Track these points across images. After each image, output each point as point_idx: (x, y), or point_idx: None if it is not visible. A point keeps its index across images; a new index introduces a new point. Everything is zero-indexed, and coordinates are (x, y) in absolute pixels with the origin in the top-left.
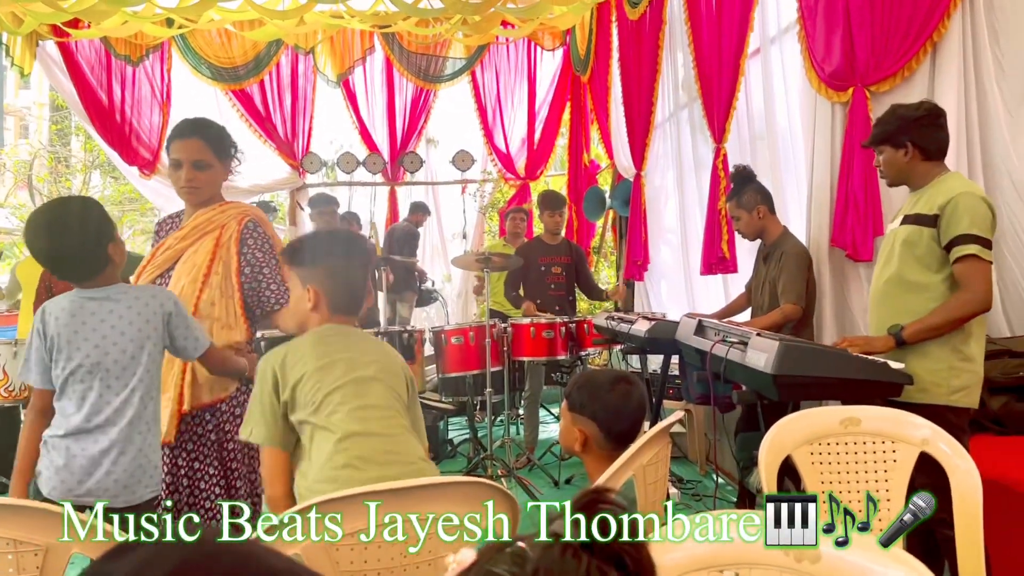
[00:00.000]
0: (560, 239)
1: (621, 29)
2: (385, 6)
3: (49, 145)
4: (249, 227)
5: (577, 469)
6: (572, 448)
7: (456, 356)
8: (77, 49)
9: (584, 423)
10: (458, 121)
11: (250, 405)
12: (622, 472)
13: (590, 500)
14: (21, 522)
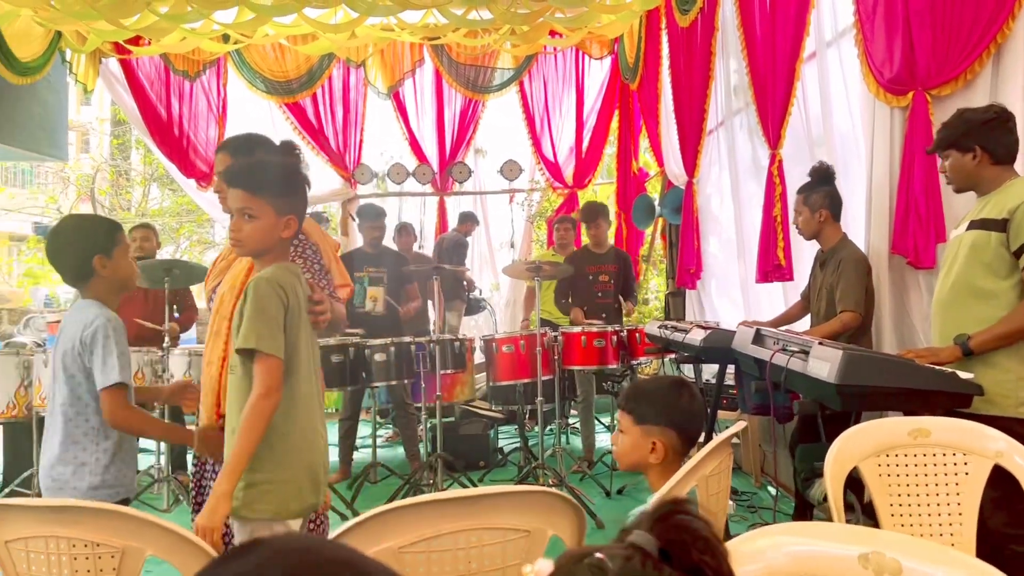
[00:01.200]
0: (607, 247)
1: (671, 36)
2: (435, 18)
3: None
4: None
5: (629, 479)
6: (643, 462)
7: (507, 365)
8: (138, 65)
9: (660, 433)
10: (506, 131)
11: (251, 317)
12: (685, 482)
13: (668, 510)
14: (100, 524)
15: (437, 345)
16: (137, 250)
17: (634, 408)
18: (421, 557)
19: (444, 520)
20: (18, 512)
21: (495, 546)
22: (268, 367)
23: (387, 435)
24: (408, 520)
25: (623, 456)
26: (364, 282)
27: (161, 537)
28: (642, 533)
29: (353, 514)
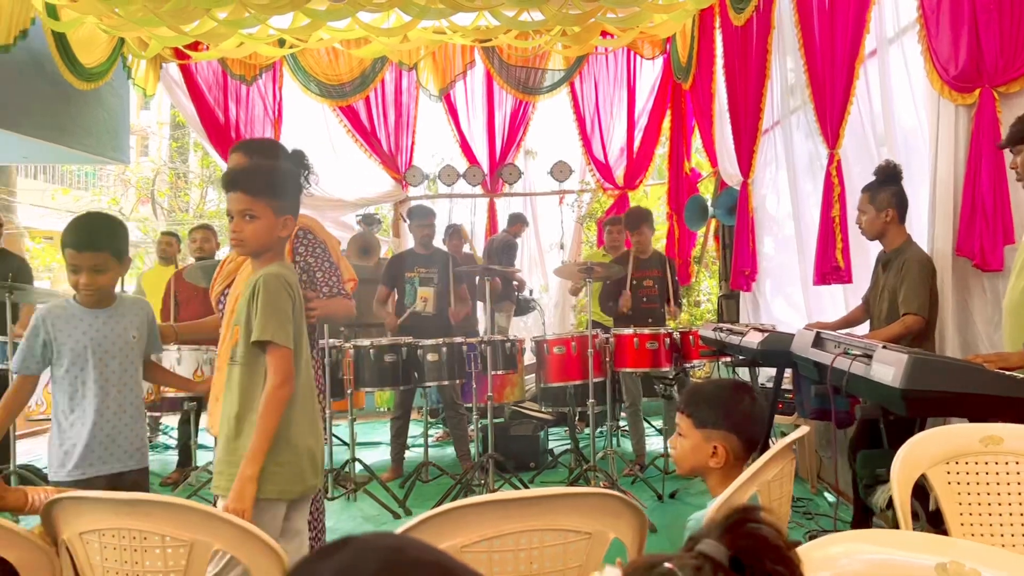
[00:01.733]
0: (651, 252)
1: (725, 35)
2: (486, 20)
3: (169, 161)
4: (299, 235)
5: (681, 483)
6: (702, 466)
7: (558, 366)
8: (197, 70)
9: (721, 437)
10: (556, 132)
11: (265, 311)
12: (746, 487)
13: (738, 518)
14: (169, 518)
15: (488, 346)
16: (197, 250)
17: (694, 411)
18: (483, 557)
19: (506, 520)
20: (91, 504)
21: (556, 547)
22: (283, 357)
23: (437, 435)
24: (470, 519)
25: (682, 460)
26: (415, 282)
27: (228, 532)
28: (712, 542)
29: (406, 512)
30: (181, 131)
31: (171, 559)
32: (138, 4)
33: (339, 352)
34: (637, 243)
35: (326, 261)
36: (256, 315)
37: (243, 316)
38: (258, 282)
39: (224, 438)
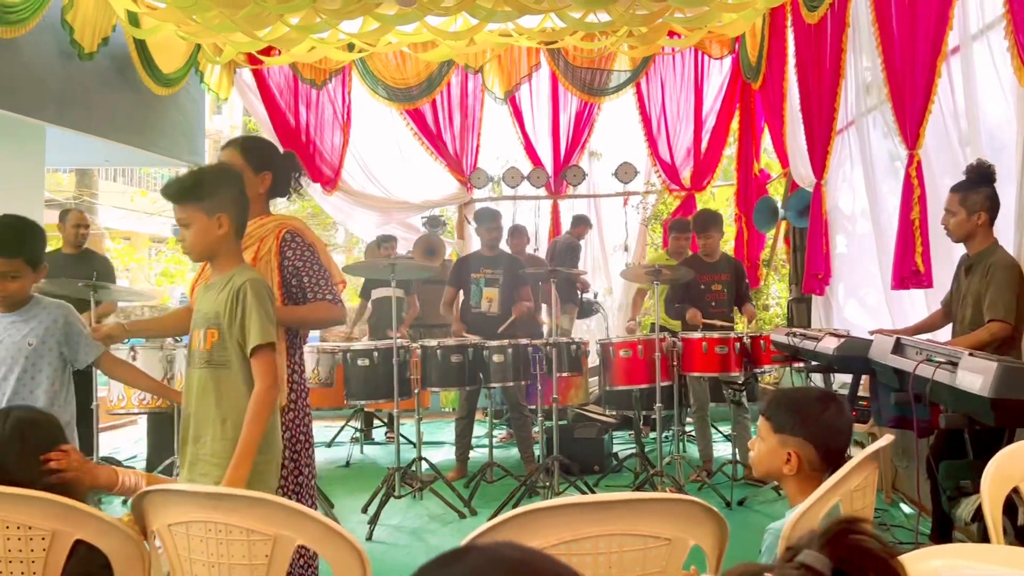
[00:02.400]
0: (719, 256)
1: (798, 33)
2: (552, 22)
3: None
4: (287, 239)
5: (751, 491)
6: (776, 472)
7: (624, 369)
8: (269, 75)
9: (797, 444)
10: (621, 133)
11: (259, 315)
12: (829, 497)
13: (841, 529)
14: (254, 512)
15: (554, 348)
16: None
17: (774, 415)
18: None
19: (585, 524)
20: (180, 497)
21: (635, 553)
22: (271, 361)
23: (500, 436)
24: (549, 522)
25: (758, 463)
26: (480, 283)
27: (311, 527)
28: (813, 553)
29: (471, 512)
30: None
31: (255, 553)
32: (214, 11)
33: (406, 352)
34: (704, 246)
35: (314, 264)
36: (249, 320)
37: (225, 320)
38: (244, 287)
39: (210, 439)
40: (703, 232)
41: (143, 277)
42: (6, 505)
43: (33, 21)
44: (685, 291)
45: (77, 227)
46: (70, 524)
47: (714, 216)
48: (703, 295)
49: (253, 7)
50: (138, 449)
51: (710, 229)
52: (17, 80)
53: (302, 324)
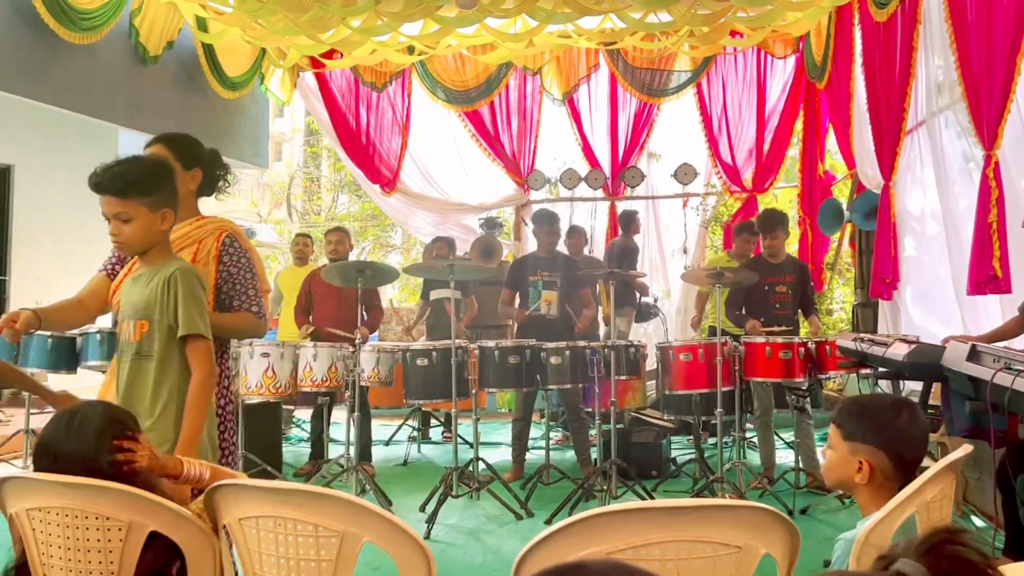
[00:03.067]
0: (783, 256)
1: (865, 31)
2: (612, 23)
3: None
4: (226, 243)
5: (814, 499)
6: (847, 481)
7: (683, 373)
8: (331, 78)
9: (870, 453)
10: (681, 134)
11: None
12: (904, 508)
13: (941, 539)
14: (323, 508)
15: (612, 351)
16: (332, 252)
17: (844, 422)
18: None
19: (655, 529)
20: (249, 492)
21: (705, 560)
22: (207, 349)
23: (556, 438)
24: (618, 526)
25: (829, 471)
26: (538, 286)
27: (379, 525)
28: (911, 562)
29: (528, 514)
30: (314, 138)
31: (323, 549)
32: (279, 15)
33: (465, 352)
34: (770, 246)
35: (247, 273)
36: (180, 309)
37: (156, 311)
38: (174, 277)
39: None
40: (769, 232)
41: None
42: (85, 496)
43: (107, 27)
44: (748, 293)
45: None
46: (146, 515)
47: (780, 216)
48: (767, 296)
49: (317, 10)
50: None
51: (776, 229)
52: (92, 84)
53: (222, 331)
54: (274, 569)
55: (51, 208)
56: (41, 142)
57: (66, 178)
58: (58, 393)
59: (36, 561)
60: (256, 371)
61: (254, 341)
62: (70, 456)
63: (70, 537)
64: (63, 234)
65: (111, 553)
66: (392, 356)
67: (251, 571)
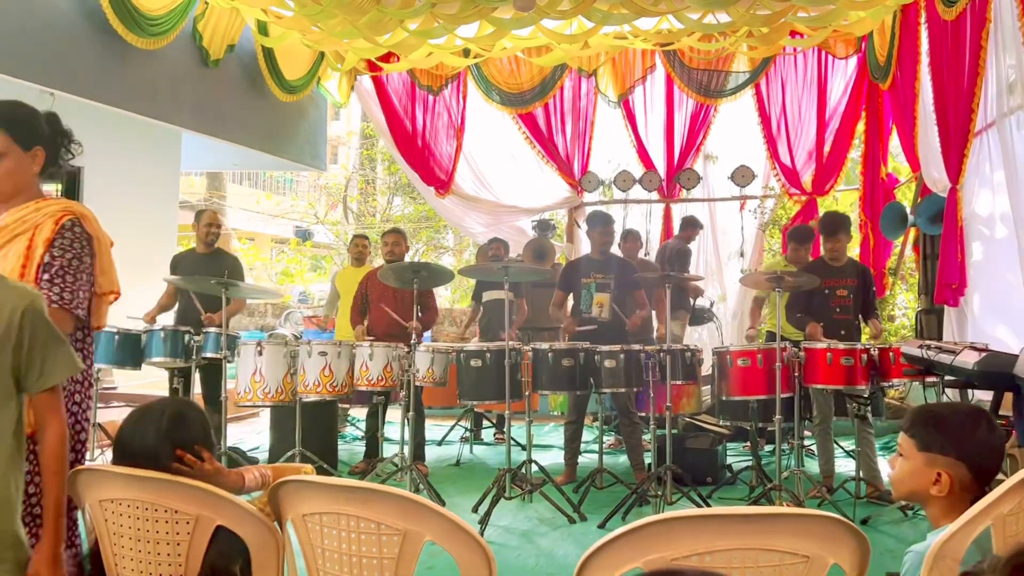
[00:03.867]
0: (845, 260)
1: (932, 30)
2: (669, 24)
3: (359, 169)
4: (66, 226)
5: (875, 510)
6: (922, 492)
7: (741, 379)
8: (388, 81)
9: (948, 464)
10: (739, 135)
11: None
12: (979, 520)
13: None
14: (386, 506)
15: (668, 355)
16: (388, 253)
17: (920, 433)
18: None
19: (721, 536)
20: (314, 488)
21: (771, 569)
22: (60, 396)
23: (609, 442)
24: (684, 532)
25: (899, 483)
26: (591, 288)
27: (440, 525)
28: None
29: (580, 518)
30: (369, 141)
31: (385, 546)
32: (338, 18)
33: (518, 354)
34: (831, 250)
35: (72, 260)
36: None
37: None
38: (26, 314)
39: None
40: (832, 235)
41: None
42: (156, 490)
43: (174, 32)
44: (808, 297)
45: (209, 226)
46: (212, 510)
47: (843, 219)
48: (827, 300)
49: (374, 13)
50: (260, 440)
51: (839, 232)
52: (157, 88)
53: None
54: (336, 566)
55: (117, 209)
56: (108, 145)
57: (131, 180)
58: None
59: (108, 551)
60: (314, 369)
61: (312, 340)
62: (136, 452)
63: (140, 529)
64: (129, 235)
65: (179, 546)
66: (446, 356)
67: (314, 567)
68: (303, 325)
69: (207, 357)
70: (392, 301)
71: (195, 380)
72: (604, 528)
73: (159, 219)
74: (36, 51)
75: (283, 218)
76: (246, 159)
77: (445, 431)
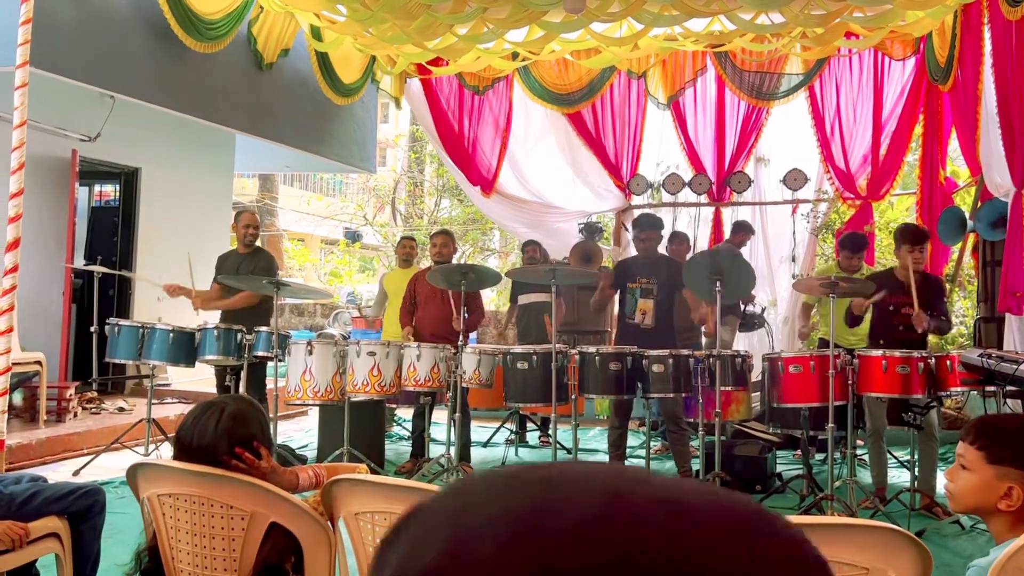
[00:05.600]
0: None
1: (995, 31)
2: (721, 25)
3: (408, 171)
4: None
5: (930, 523)
6: (989, 507)
7: (793, 385)
8: (435, 82)
9: (1020, 478)
10: (791, 138)
11: None
12: None
13: None
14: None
15: (717, 360)
16: (437, 254)
17: (989, 445)
18: None
19: None
20: (365, 487)
21: None
22: None
23: (655, 448)
24: None
25: (962, 496)
26: (636, 293)
27: None
28: None
29: None
30: (418, 144)
31: None
32: (388, 23)
33: (564, 357)
34: (917, 260)
35: None
36: None
37: None
38: None
39: None
40: (918, 243)
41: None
42: (213, 485)
43: (231, 36)
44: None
45: (247, 227)
46: (267, 507)
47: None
48: (891, 318)
49: (425, 18)
50: (309, 439)
51: (926, 241)
52: (213, 92)
53: None
54: None
55: (173, 210)
56: (165, 146)
57: (187, 181)
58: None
59: (166, 544)
60: (362, 369)
61: (360, 340)
62: (195, 448)
63: (196, 523)
64: (184, 235)
65: (234, 541)
66: (493, 359)
67: (365, 565)
68: (352, 325)
69: (258, 356)
70: (439, 302)
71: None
72: None
73: (213, 220)
74: (96, 54)
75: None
76: (297, 161)
77: (490, 433)
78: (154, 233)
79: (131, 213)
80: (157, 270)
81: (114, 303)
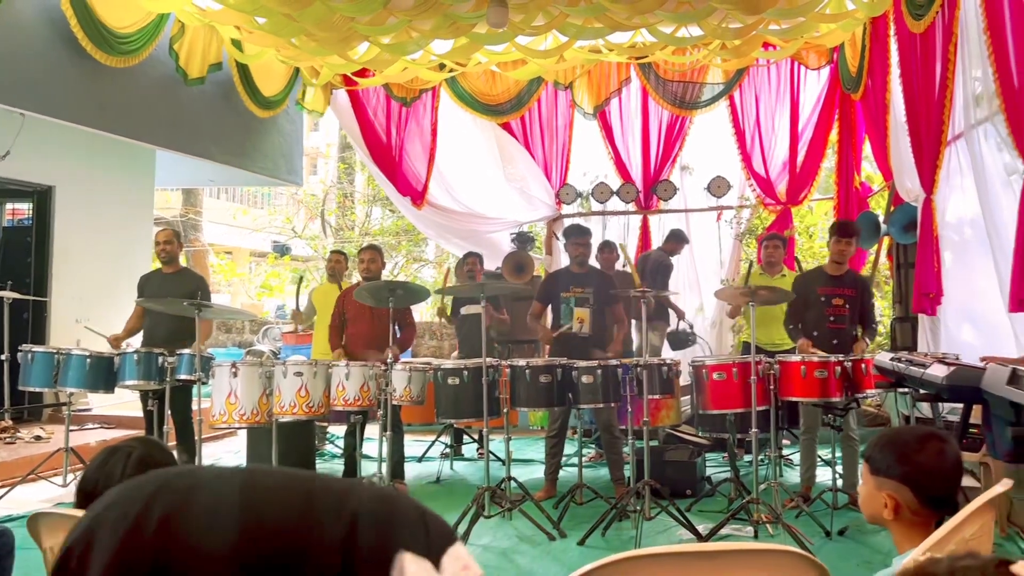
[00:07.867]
0: (846, 270)
1: (902, 43)
2: (643, 37)
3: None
4: None
5: (853, 519)
6: (878, 517)
7: (718, 392)
8: (362, 94)
9: (893, 487)
10: (714, 146)
11: None
12: (941, 546)
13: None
14: None
15: (645, 369)
16: (364, 271)
17: (872, 456)
18: None
19: (684, 573)
20: None
21: None
22: None
23: (590, 455)
24: (646, 570)
25: (862, 506)
26: (570, 303)
27: None
28: None
29: (560, 535)
30: (349, 152)
31: None
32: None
33: (496, 371)
34: (840, 252)
35: None
36: None
37: None
38: None
39: None
40: (846, 236)
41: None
42: None
43: (145, 52)
44: (804, 304)
45: (162, 244)
46: None
47: (858, 227)
48: (822, 308)
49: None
50: (237, 460)
51: (854, 236)
52: (131, 107)
53: None
54: None
55: (91, 228)
56: (80, 163)
57: (104, 199)
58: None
59: None
60: (290, 390)
61: (287, 360)
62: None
63: None
64: (102, 253)
65: None
66: (423, 375)
67: None
68: (282, 341)
69: (181, 379)
70: (369, 319)
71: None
72: (583, 545)
73: (133, 237)
74: (3, 71)
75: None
76: (221, 175)
77: (426, 447)
78: (71, 253)
79: (45, 232)
80: (73, 291)
81: (29, 327)
